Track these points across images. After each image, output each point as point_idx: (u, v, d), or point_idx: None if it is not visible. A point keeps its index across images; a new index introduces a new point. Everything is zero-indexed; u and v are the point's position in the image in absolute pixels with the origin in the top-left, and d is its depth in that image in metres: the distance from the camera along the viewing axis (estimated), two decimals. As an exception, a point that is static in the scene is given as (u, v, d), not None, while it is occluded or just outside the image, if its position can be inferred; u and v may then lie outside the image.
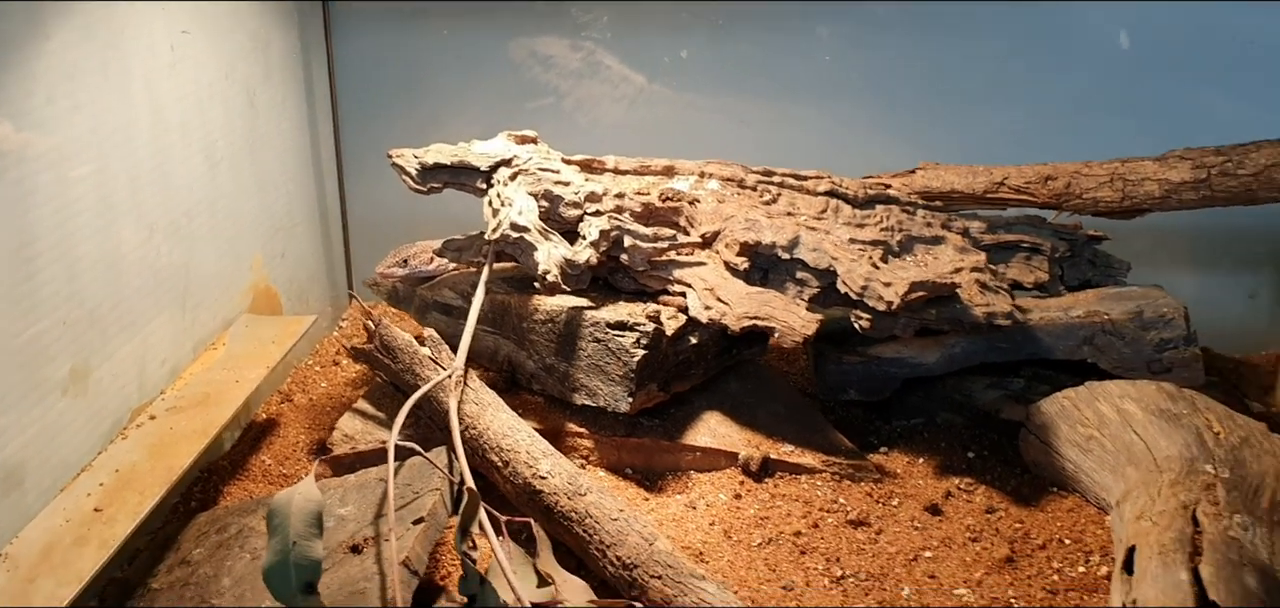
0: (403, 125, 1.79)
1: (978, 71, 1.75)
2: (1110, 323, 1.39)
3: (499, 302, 1.37)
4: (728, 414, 1.38)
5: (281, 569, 0.91)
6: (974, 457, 1.38)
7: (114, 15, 1.18)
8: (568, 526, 1.11)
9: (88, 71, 1.13)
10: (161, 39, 1.27)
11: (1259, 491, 1.10)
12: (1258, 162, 1.32)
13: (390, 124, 1.79)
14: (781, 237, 1.36)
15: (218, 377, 1.30)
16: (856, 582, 1.14)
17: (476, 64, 1.80)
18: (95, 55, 1.15)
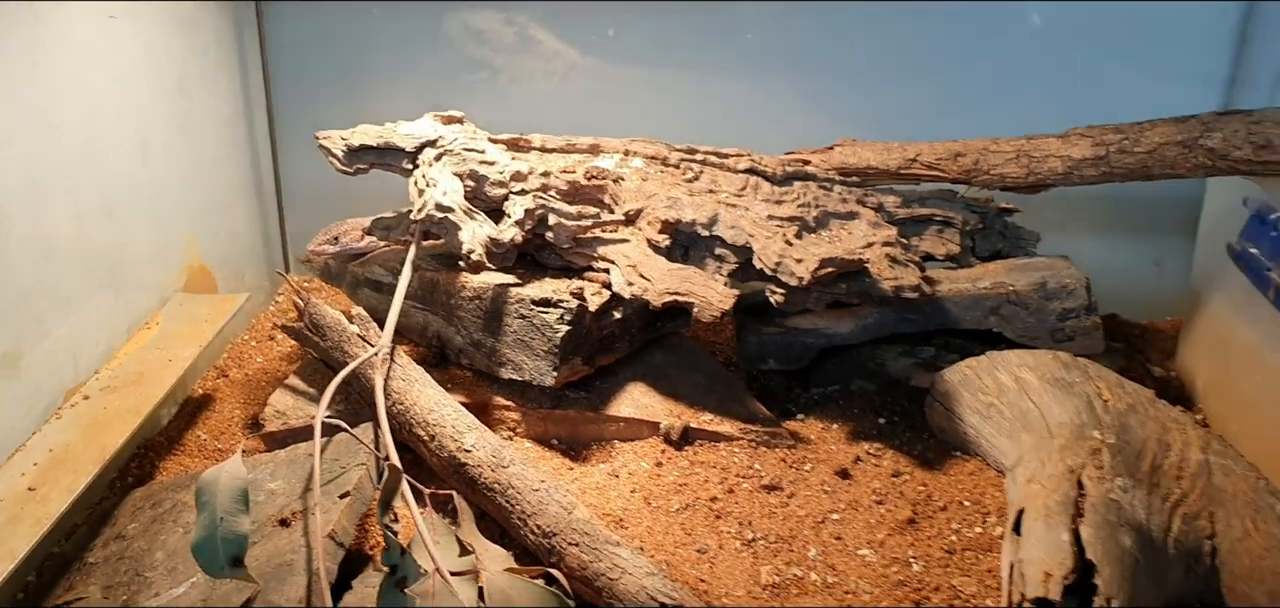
0: (337, 101, 1.82)
1: (898, 48, 1.80)
2: (1015, 294, 1.45)
3: (428, 279, 1.41)
4: (651, 385, 1.43)
5: (209, 544, 0.96)
6: (884, 423, 1.44)
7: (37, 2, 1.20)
8: (491, 497, 1.16)
9: (10, 58, 1.15)
10: (88, 23, 1.29)
11: (1141, 455, 1.17)
12: (1152, 140, 1.38)
13: (325, 101, 1.81)
14: (701, 214, 1.41)
15: (151, 356, 1.33)
16: (766, 544, 1.20)
17: (410, 39, 1.83)
18: (18, 42, 1.17)
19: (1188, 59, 1.81)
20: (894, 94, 1.82)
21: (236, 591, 0.98)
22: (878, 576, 1.15)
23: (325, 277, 1.55)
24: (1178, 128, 1.36)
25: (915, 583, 1.14)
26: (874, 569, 1.16)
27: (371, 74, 1.84)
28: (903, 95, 1.82)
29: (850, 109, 1.81)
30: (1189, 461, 1.17)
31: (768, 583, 1.14)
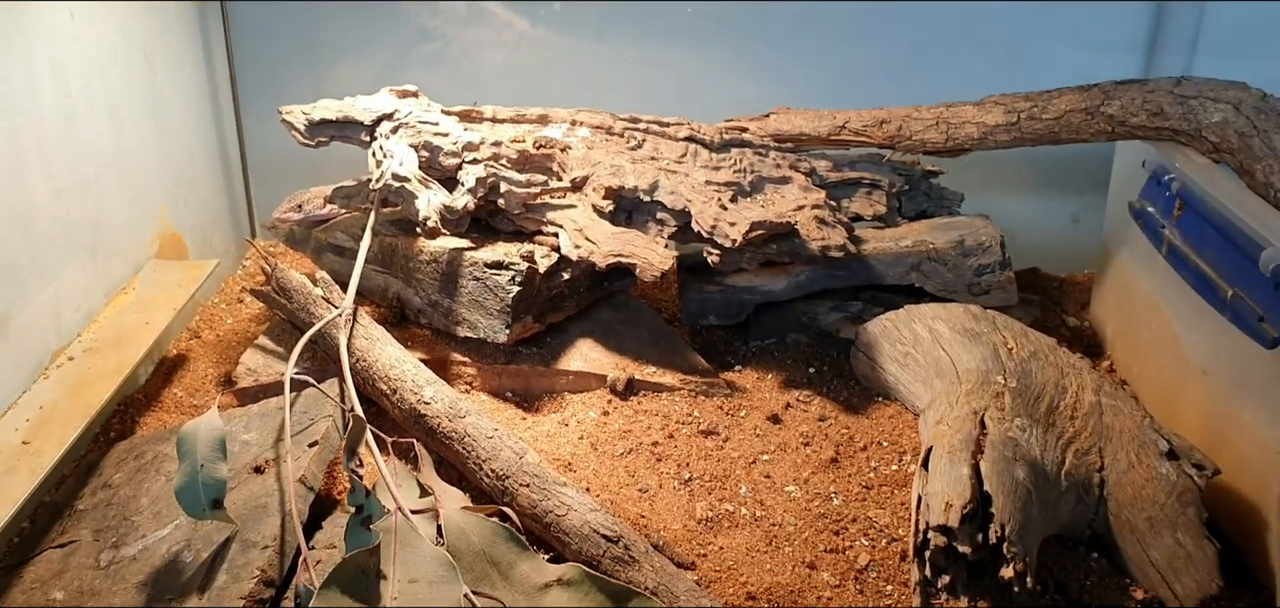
0: (299, 75, 1.89)
1: (833, 17, 1.90)
2: (935, 251, 1.57)
3: (387, 243, 1.50)
4: (599, 341, 1.53)
5: (191, 489, 1.06)
6: (814, 372, 1.56)
7: None
8: (449, 444, 1.26)
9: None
10: (59, 7, 1.37)
11: (1039, 397, 1.29)
12: (1059, 107, 1.49)
13: (287, 74, 1.89)
14: (643, 181, 1.51)
15: (129, 319, 1.42)
16: (702, 483, 1.32)
17: (368, 13, 1.90)
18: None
19: (1109, 25, 1.93)
20: (830, 63, 1.93)
21: (217, 531, 1.08)
22: (802, 509, 1.27)
23: (290, 242, 1.64)
24: (1082, 96, 1.47)
25: (835, 515, 1.26)
26: (799, 504, 1.28)
27: (331, 48, 1.91)
28: (838, 64, 1.93)
29: (787, 77, 1.91)
30: (1082, 402, 1.29)
31: (702, 517, 1.26)
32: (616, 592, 1.03)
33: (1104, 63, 1.93)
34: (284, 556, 1.07)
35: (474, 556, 1.06)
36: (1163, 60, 1.94)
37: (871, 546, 1.22)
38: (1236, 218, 1.23)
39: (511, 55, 1.94)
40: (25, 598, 1.06)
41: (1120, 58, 1.95)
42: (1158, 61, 1.94)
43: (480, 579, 1.04)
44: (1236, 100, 1.34)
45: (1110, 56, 1.95)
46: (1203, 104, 1.36)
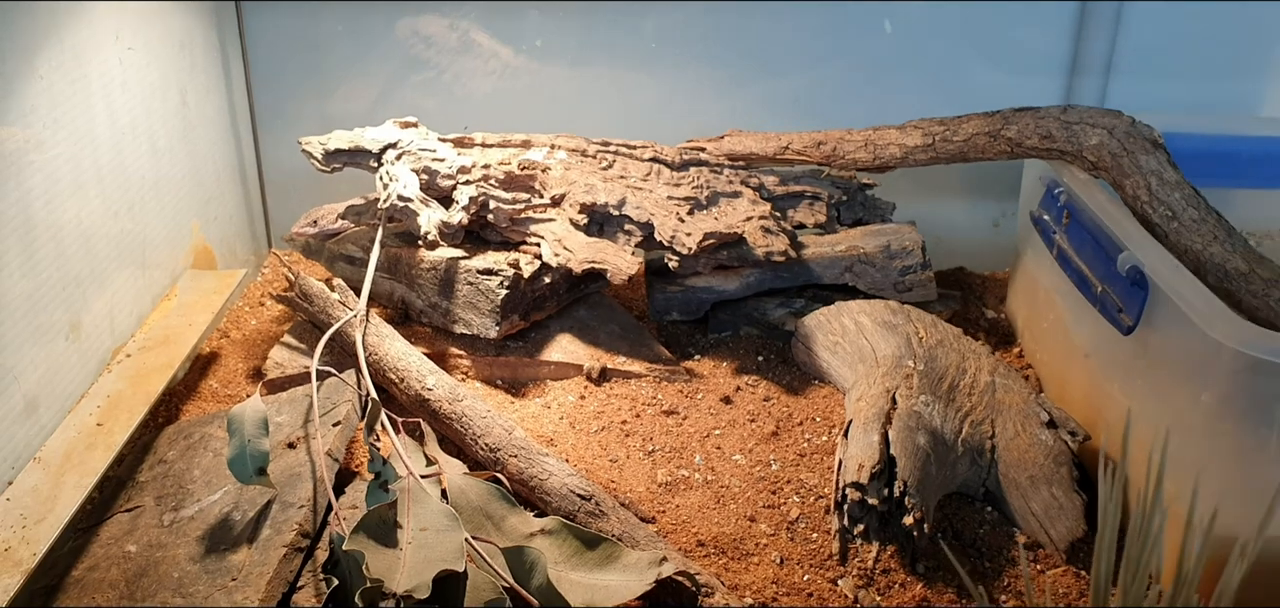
0: (309, 103, 2.10)
1: (785, 46, 2.13)
2: (865, 255, 1.81)
3: (392, 253, 1.74)
4: (576, 336, 1.76)
5: (241, 460, 1.29)
6: (762, 360, 1.79)
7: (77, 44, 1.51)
8: (449, 424, 1.49)
9: (60, 87, 1.46)
10: (112, 56, 1.60)
11: (943, 378, 1.54)
12: (967, 131, 1.73)
13: (299, 103, 2.10)
14: (612, 197, 1.75)
15: (173, 322, 1.66)
16: (662, 454, 1.55)
17: (368, 46, 2.11)
18: (65, 75, 1.47)
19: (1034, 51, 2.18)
20: (780, 89, 2.15)
21: (260, 495, 1.31)
22: (745, 474, 1.51)
23: (306, 253, 1.87)
24: (986, 122, 1.71)
25: (773, 478, 1.50)
26: (743, 469, 1.52)
27: (336, 75, 2.12)
28: (787, 90, 2.15)
29: (741, 103, 2.13)
30: (979, 381, 1.54)
31: (662, 481, 1.49)
32: (589, 538, 1.27)
33: (1030, 85, 2.19)
34: (316, 514, 1.29)
35: (472, 510, 1.30)
36: (1082, 82, 2.19)
37: (802, 502, 1.46)
38: (1105, 225, 1.47)
39: (497, 82, 2.16)
40: (104, 552, 1.29)
41: (1045, 81, 2.19)
42: (1078, 83, 2.19)
43: (478, 528, 1.28)
44: (1110, 126, 1.58)
45: (1036, 80, 2.19)
46: (1083, 128, 1.60)
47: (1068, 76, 2.21)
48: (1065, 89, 2.21)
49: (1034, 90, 2.20)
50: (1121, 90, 2.19)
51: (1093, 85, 2.19)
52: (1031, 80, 2.18)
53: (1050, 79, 2.20)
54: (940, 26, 2.11)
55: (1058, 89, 2.21)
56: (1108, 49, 2.18)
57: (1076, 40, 2.17)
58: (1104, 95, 2.20)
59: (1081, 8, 2.12)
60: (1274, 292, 1.47)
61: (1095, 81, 2.19)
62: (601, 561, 1.26)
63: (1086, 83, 2.19)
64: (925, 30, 2.11)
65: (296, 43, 2.09)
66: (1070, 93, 2.21)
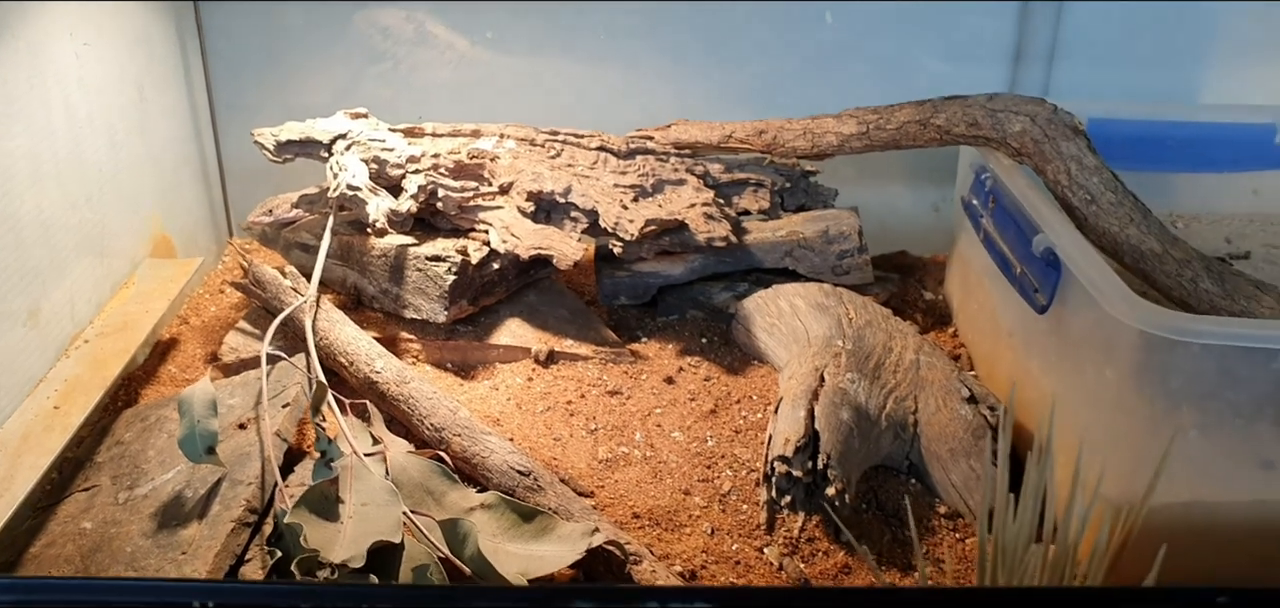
0: (270, 95, 2.14)
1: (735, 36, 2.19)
2: (805, 240, 1.87)
3: (344, 241, 1.79)
4: (525, 320, 1.82)
5: (191, 440, 1.34)
6: (706, 342, 1.85)
7: (32, 41, 1.55)
8: (396, 405, 1.55)
9: (16, 83, 1.51)
10: (68, 51, 1.65)
11: (869, 356, 1.60)
12: (899, 119, 1.79)
13: (259, 96, 2.14)
14: (559, 185, 1.81)
15: (132, 309, 1.71)
16: (604, 432, 1.61)
17: (327, 39, 2.15)
18: (20, 71, 1.52)
19: (978, 39, 2.24)
20: (730, 78, 2.20)
21: (211, 473, 1.36)
22: (683, 450, 1.57)
23: (263, 241, 1.92)
24: (917, 110, 1.77)
25: (708, 454, 1.57)
26: (681, 446, 1.58)
27: (296, 68, 2.16)
28: (737, 79, 2.20)
29: (691, 93, 2.18)
30: (904, 359, 1.61)
31: (603, 458, 1.56)
32: (526, 511, 1.34)
33: (974, 74, 2.25)
34: (264, 491, 1.35)
35: (413, 486, 1.36)
36: (1026, 69, 2.26)
37: (734, 475, 1.52)
38: (1024, 209, 1.54)
39: (453, 73, 2.21)
40: (61, 530, 1.35)
41: (990, 69, 2.25)
42: (1022, 70, 2.26)
43: (419, 503, 1.34)
44: (1033, 113, 1.64)
45: (980, 68, 2.25)
46: (1007, 116, 1.67)
47: (1012, 65, 2.27)
48: (1010, 77, 2.27)
49: (978, 79, 2.27)
50: (1064, 78, 2.26)
51: (1036, 73, 2.26)
52: (976, 69, 2.25)
53: (994, 68, 2.26)
54: (886, 17, 2.17)
55: (1002, 78, 2.27)
56: (1050, 38, 2.24)
57: (1019, 29, 2.23)
58: (1047, 83, 2.27)
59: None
60: (1186, 271, 1.54)
61: (1038, 70, 2.26)
62: (537, 532, 1.32)
63: (1030, 71, 2.26)
64: (871, 21, 2.17)
65: (256, 37, 2.13)
66: (1014, 81, 2.27)
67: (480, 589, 1.09)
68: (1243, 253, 1.88)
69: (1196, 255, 1.56)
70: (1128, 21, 2.22)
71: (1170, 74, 2.30)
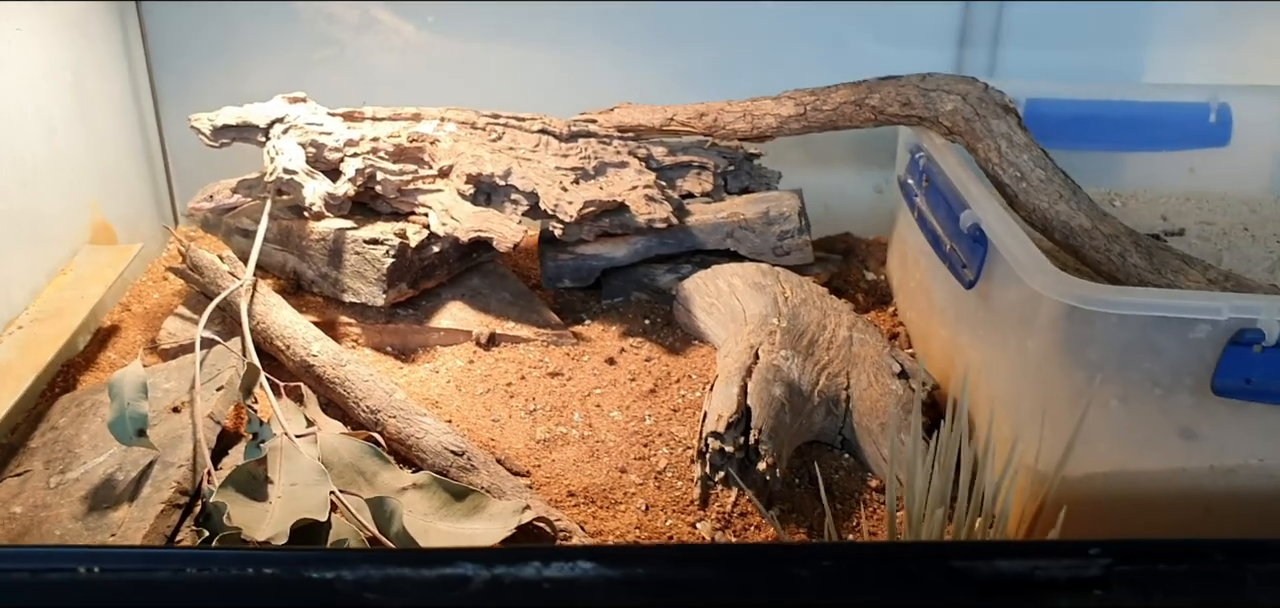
0: (217, 82, 2.13)
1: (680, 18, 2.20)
2: (746, 221, 1.88)
3: (284, 226, 1.79)
4: (467, 303, 1.82)
5: (121, 422, 1.34)
6: (648, 323, 1.87)
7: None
8: (333, 387, 1.55)
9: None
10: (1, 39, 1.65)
11: (803, 334, 1.62)
12: (835, 100, 1.80)
13: (202, 79, 2.14)
14: (498, 168, 1.82)
15: (67, 295, 1.70)
16: (543, 413, 1.62)
17: (272, 25, 2.15)
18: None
19: (923, 23, 2.26)
20: (675, 62, 2.22)
21: (143, 456, 1.37)
22: (621, 429, 1.59)
23: (205, 227, 1.92)
24: (852, 91, 1.79)
25: (646, 432, 1.58)
26: (619, 425, 1.59)
27: (241, 56, 2.16)
28: (683, 62, 2.22)
29: (637, 76, 2.19)
30: (837, 336, 1.63)
31: (540, 438, 1.57)
32: (458, 490, 1.35)
33: (921, 56, 2.27)
34: (196, 473, 1.35)
35: (344, 467, 1.37)
36: (971, 52, 2.29)
37: (670, 453, 1.54)
38: (954, 186, 1.56)
39: (400, 58, 2.21)
40: (-10, 514, 1.35)
41: (935, 52, 2.28)
42: (967, 54, 2.29)
43: (349, 484, 1.35)
44: (964, 92, 1.66)
45: (926, 51, 2.27)
46: (939, 95, 1.68)
47: (958, 47, 2.29)
48: (956, 59, 2.29)
49: (924, 62, 2.26)
50: (1009, 60, 2.29)
51: (981, 55, 2.28)
52: (922, 52, 2.27)
53: (940, 50, 2.28)
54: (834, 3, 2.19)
55: (948, 59, 2.29)
56: (994, 20, 2.26)
57: (964, 12, 2.25)
58: (992, 65, 2.30)
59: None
60: (1114, 246, 1.57)
61: (984, 52, 2.28)
62: (469, 511, 1.33)
63: (975, 54, 2.28)
64: (819, 6, 2.19)
65: (200, 25, 2.13)
66: (960, 63, 2.30)
67: (366, 553, 1.10)
68: (1177, 229, 1.90)
69: (1125, 231, 1.59)
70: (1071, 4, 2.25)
71: (1115, 55, 2.33)
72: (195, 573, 0.69)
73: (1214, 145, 2.05)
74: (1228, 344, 1.24)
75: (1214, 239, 1.88)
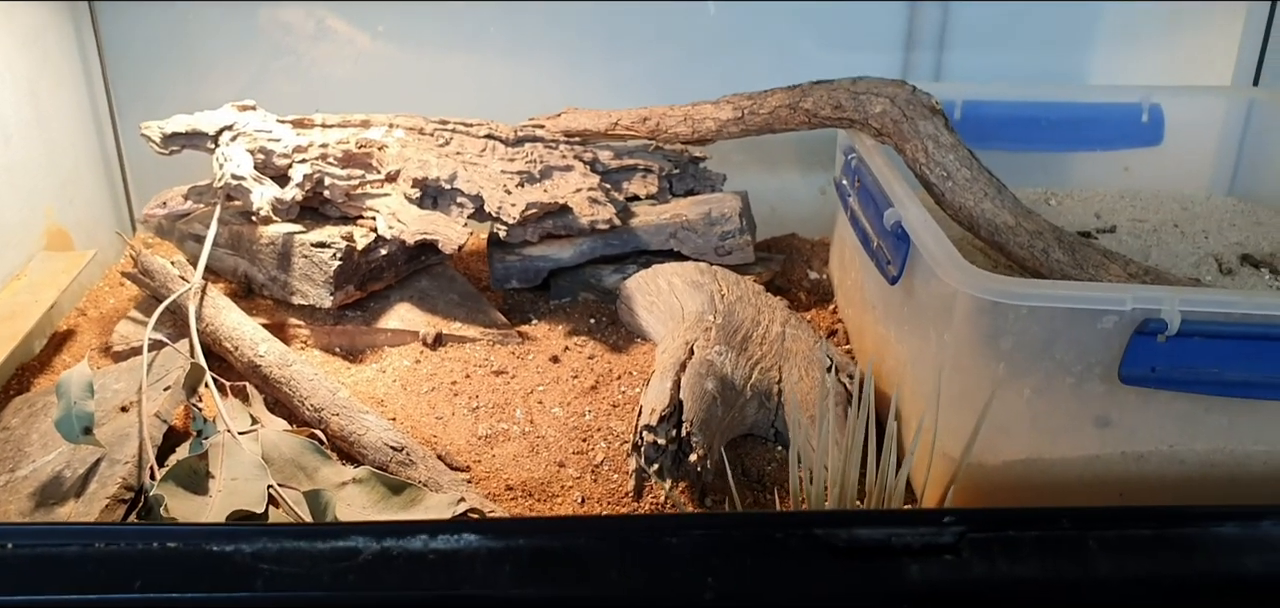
0: (174, 91, 2.17)
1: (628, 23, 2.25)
2: (688, 222, 1.93)
3: (235, 231, 1.83)
4: (415, 304, 1.87)
5: (67, 421, 1.38)
6: (593, 322, 1.91)
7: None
8: (279, 387, 1.59)
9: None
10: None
11: (738, 330, 1.67)
12: (771, 104, 1.85)
13: (159, 88, 2.18)
14: (444, 172, 1.86)
15: (21, 298, 1.74)
16: (486, 410, 1.67)
17: (227, 36, 2.20)
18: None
19: (869, 28, 2.32)
20: (623, 67, 2.27)
21: (90, 454, 1.41)
22: (561, 424, 1.63)
23: (160, 233, 1.95)
24: (787, 95, 1.83)
25: (585, 427, 1.62)
26: (559, 420, 1.64)
27: (196, 66, 2.20)
28: (630, 68, 2.27)
29: (584, 82, 2.25)
30: (771, 332, 1.68)
31: (482, 434, 1.61)
32: (396, 485, 1.39)
33: (868, 60, 2.33)
34: (141, 469, 1.40)
35: (285, 462, 1.41)
36: (917, 56, 2.34)
37: (608, 447, 1.58)
38: (880, 185, 1.61)
39: (354, 67, 2.26)
40: (-61, 514, 1.39)
41: (882, 56, 2.34)
42: (912, 57, 2.34)
43: (290, 478, 1.39)
44: (893, 94, 1.72)
45: (873, 55, 2.33)
46: (869, 98, 1.73)
47: (904, 51, 2.35)
48: (902, 63, 2.35)
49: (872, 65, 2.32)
50: (955, 62, 2.34)
51: (927, 58, 2.34)
52: (869, 56, 2.32)
53: (887, 54, 2.34)
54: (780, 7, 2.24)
55: (895, 63, 2.35)
56: (939, 24, 2.32)
57: (909, 15, 2.31)
58: (938, 67, 2.35)
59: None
60: (1037, 242, 1.62)
61: (929, 56, 2.34)
62: (406, 504, 1.38)
63: (921, 57, 2.34)
64: (765, 10, 2.24)
65: (157, 36, 2.17)
66: (907, 67, 2.35)
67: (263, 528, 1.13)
68: (1109, 227, 1.96)
69: (1048, 227, 1.64)
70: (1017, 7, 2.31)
71: (1059, 58, 2.39)
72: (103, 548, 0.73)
73: (1147, 145, 2.12)
74: (1133, 334, 1.29)
75: (1144, 236, 1.93)
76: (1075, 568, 0.72)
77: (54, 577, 0.72)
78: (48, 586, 0.71)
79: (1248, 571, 0.71)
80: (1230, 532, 0.75)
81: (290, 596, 0.69)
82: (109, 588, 0.70)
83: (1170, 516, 0.77)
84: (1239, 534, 0.74)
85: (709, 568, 0.71)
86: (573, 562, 0.73)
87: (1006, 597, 0.70)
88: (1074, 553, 0.72)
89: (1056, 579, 0.70)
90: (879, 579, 0.70)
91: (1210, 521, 0.76)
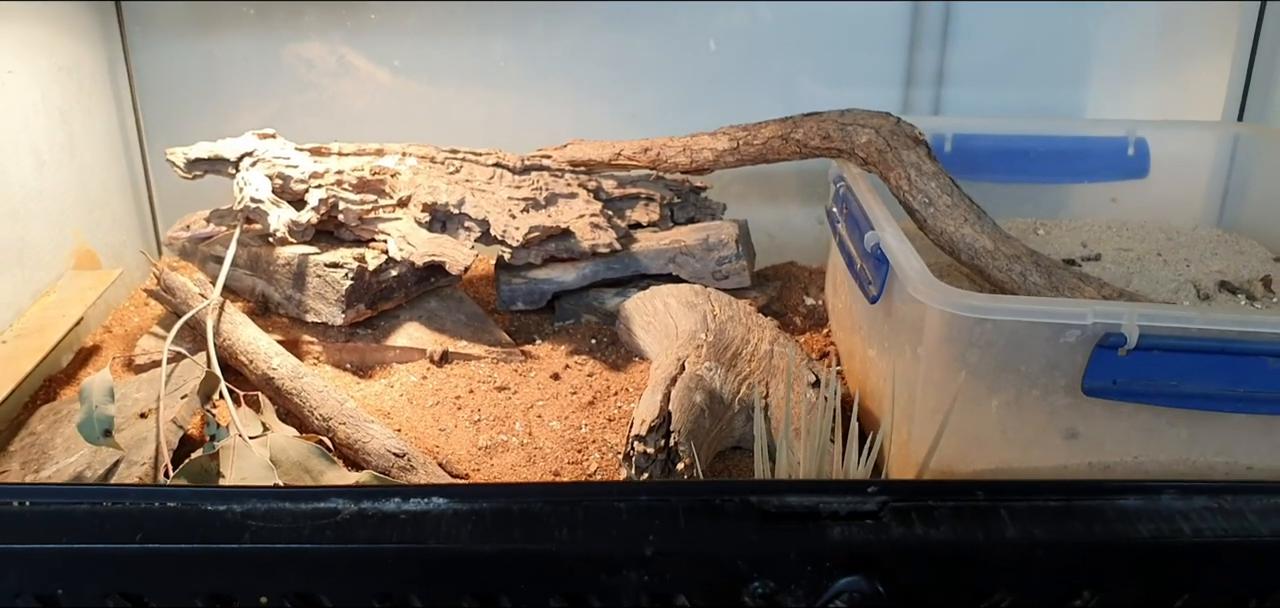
0: (203, 123, 2.27)
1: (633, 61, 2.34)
2: (687, 247, 2.01)
3: (254, 252, 1.93)
4: (423, 324, 1.96)
5: (89, 424, 1.47)
6: (594, 342, 1.99)
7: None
8: (290, 398, 1.68)
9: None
10: (-5, 82, 1.81)
11: (728, 347, 1.74)
12: (764, 135, 1.93)
13: (191, 124, 2.27)
14: (453, 198, 1.95)
15: (50, 314, 1.84)
16: (488, 423, 1.75)
17: (254, 71, 2.30)
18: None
19: (871, 66, 2.40)
20: (630, 102, 2.37)
21: (109, 456, 1.50)
22: (558, 437, 1.71)
23: (183, 255, 2.05)
24: (780, 126, 1.92)
25: (581, 440, 1.70)
26: (557, 433, 1.72)
27: (224, 100, 2.30)
28: (636, 102, 2.37)
29: (592, 115, 2.34)
30: (759, 350, 1.75)
31: (483, 445, 1.69)
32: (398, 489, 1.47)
33: (870, 97, 2.39)
34: (157, 470, 1.48)
35: (291, 465, 1.50)
36: (916, 93, 2.42)
37: (601, 457, 1.65)
38: (863, 210, 1.69)
39: (373, 101, 2.36)
40: (-30, 509, 1.48)
41: (883, 92, 2.42)
42: (912, 94, 2.42)
43: (295, 479, 1.47)
44: (877, 125, 1.79)
45: (874, 91, 2.41)
46: (856, 128, 1.81)
47: (904, 88, 2.43)
48: (903, 99, 2.43)
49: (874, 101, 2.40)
50: (953, 99, 2.42)
51: (925, 96, 2.42)
52: (871, 92, 2.40)
53: (888, 90, 2.42)
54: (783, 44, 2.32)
55: (896, 99, 2.43)
56: (937, 63, 2.40)
57: (908, 55, 2.39)
58: (937, 103, 2.43)
59: (913, 8, 2.32)
60: (1016, 266, 1.69)
61: (928, 93, 2.42)
62: (405, 505, 1.45)
63: (919, 94, 2.42)
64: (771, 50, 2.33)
65: (187, 70, 2.28)
66: (907, 103, 2.43)
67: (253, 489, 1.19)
68: (1094, 255, 2.02)
69: (1026, 252, 1.71)
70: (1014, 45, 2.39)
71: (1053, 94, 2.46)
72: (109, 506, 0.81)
73: (1133, 177, 2.18)
74: (1095, 348, 1.36)
75: (1128, 264, 1.99)
76: (984, 533, 0.78)
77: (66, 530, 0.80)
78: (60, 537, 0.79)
79: (1140, 537, 0.77)
80: (1131, 503, 0.81)
81: (274, 548, 0.76)
82: (113, 540, 0.78)
83: (1080, 488, 0.83)
84: (1138, 506, 0.80)
85: (651, 528, 0.78)
86: (528, 521, 0.80)
87: (918, 557, 0.76)
88: (984, 520, 0.78)
89: (966, 542, 0.77)
90: (803, 538, 0.76)
91: (1116, 493, 0.82)
